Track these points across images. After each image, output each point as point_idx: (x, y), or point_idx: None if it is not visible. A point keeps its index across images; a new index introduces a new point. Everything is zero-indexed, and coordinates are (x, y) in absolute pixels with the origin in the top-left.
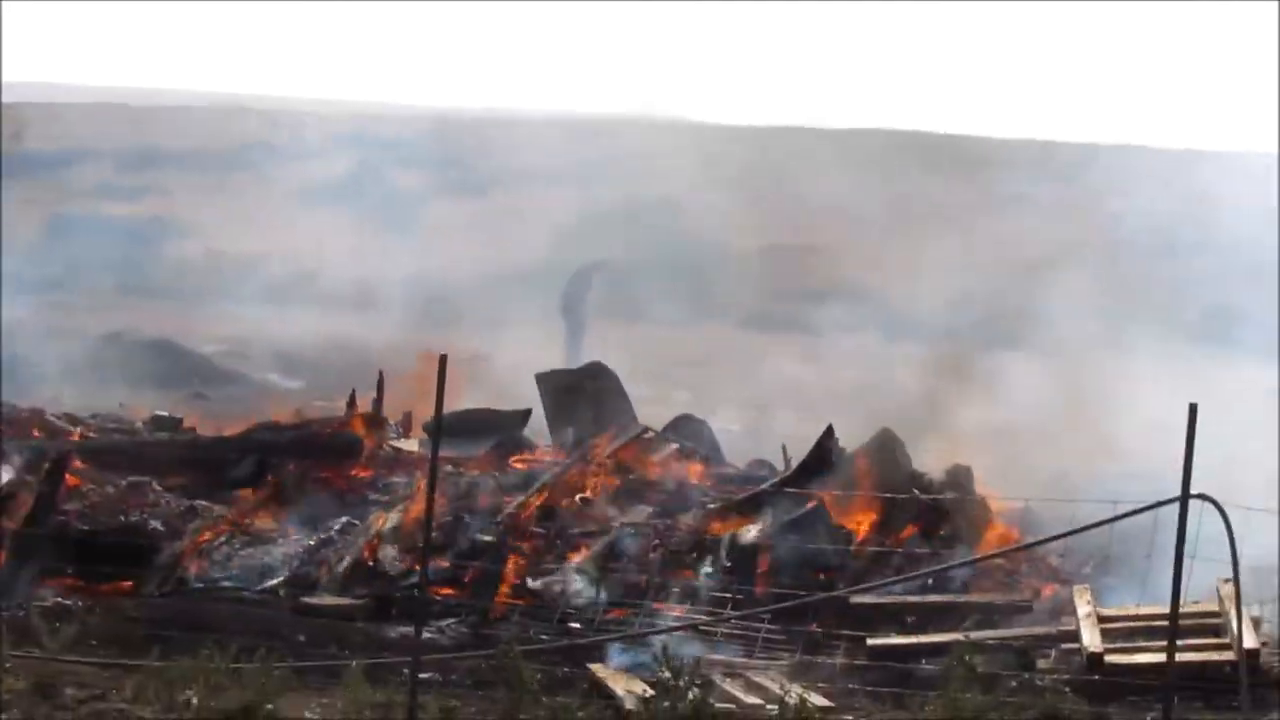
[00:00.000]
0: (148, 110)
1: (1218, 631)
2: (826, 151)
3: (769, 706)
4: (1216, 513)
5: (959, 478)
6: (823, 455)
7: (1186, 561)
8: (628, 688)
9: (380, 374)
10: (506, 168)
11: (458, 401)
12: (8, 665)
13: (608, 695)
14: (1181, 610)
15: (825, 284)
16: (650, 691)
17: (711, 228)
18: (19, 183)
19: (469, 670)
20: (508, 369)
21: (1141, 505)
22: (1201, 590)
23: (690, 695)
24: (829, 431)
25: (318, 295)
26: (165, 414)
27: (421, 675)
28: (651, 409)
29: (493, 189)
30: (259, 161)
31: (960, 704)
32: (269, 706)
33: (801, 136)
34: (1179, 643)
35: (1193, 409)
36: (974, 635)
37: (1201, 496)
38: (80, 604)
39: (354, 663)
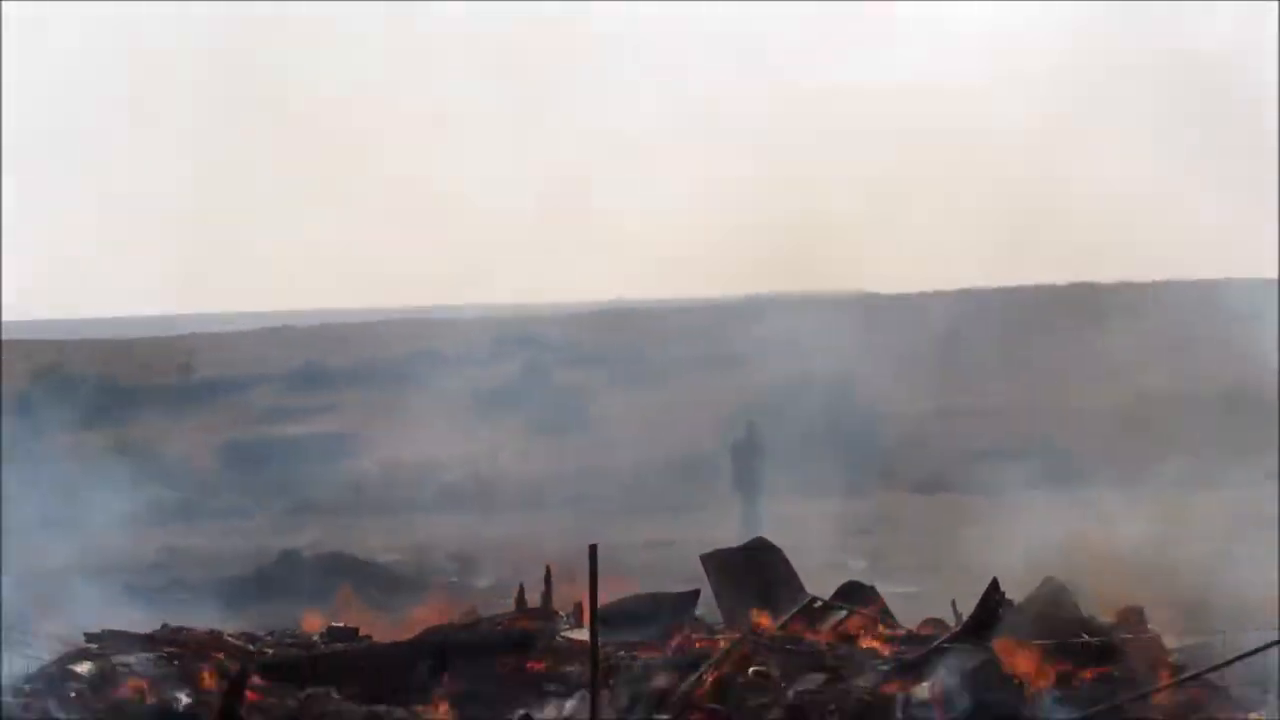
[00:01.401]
0: (312, 330)
1: None
2: (989, 311)
3: None
4: None
5: (1130, 619)
6: (990, 609)
7: None
8: None
9: (548, 568)
10: (673, 355)
11: (634, 588)
12: None
13: None
14: None
15: (994, 443)
16: None
17: (881, 396)
18: (192, 412)
19: None
20: (693, 549)
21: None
22: None
23: None
24: (994, 585)
25: (490, 499)
26: (341, 625)
27: None
28: (830, 577)
29: (661, 377)
30: (425, 372)
31: None
32: None
33: (963, 300)
34: None
35: None
36: None
37: None
38: None
39: None
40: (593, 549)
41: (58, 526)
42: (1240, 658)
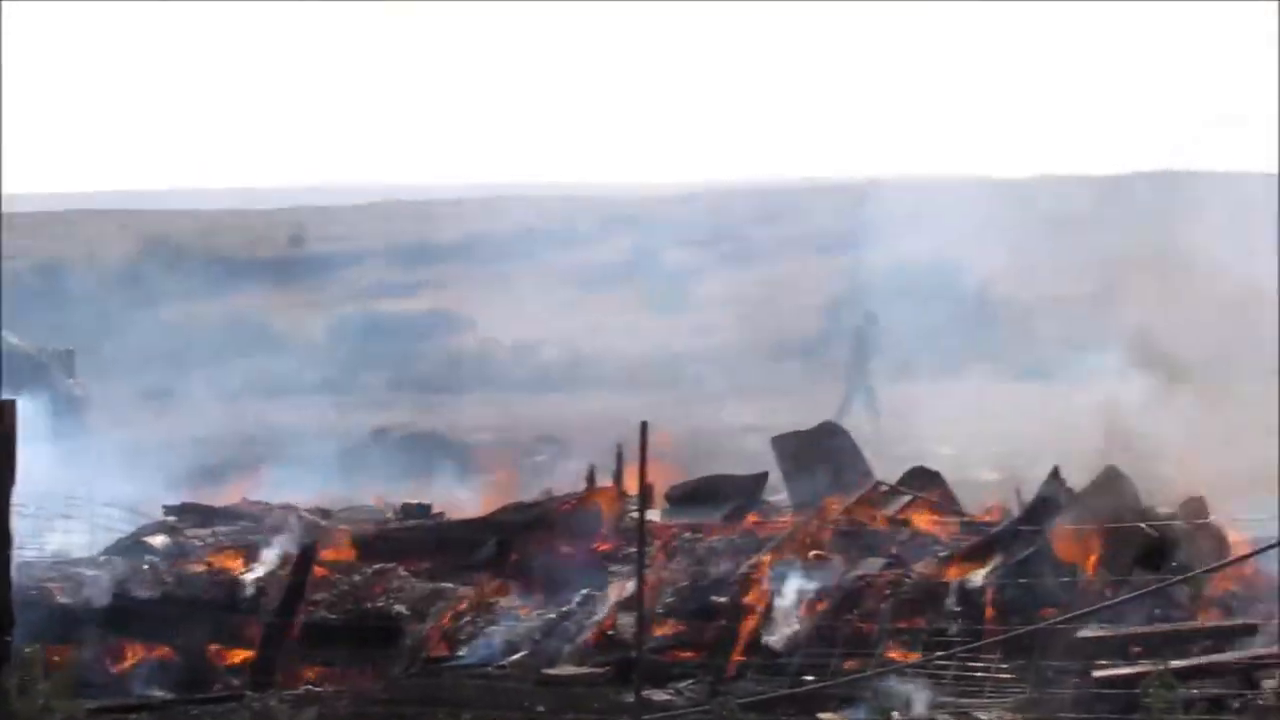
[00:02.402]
0: (420, 205)
1: None
2: (1094, 199)
3: None
4: None
5: (1193, 510)
6: (1049, 497)
7: None
8: None
9: (619, 447)
10: (779, 236)
11: (710, 469)
12: None
13: None
14: None
15: (1093, 333)
16: None
17: (984, 281)
18: (299, 286)
19: None
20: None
21: None
22: None
23: None
24: (1054, 473)
25: (590, 378)
26: (415, 502)
27: None
28: (912, 464)
29: (766, 259)
30: (531, 249)
31: None
32: None
33: (1067, 185)
34: None
35: None
36: (1195, 661)
37: None
38: (329, 689)
39: None
40: (643, 425)
41: (159, 397)
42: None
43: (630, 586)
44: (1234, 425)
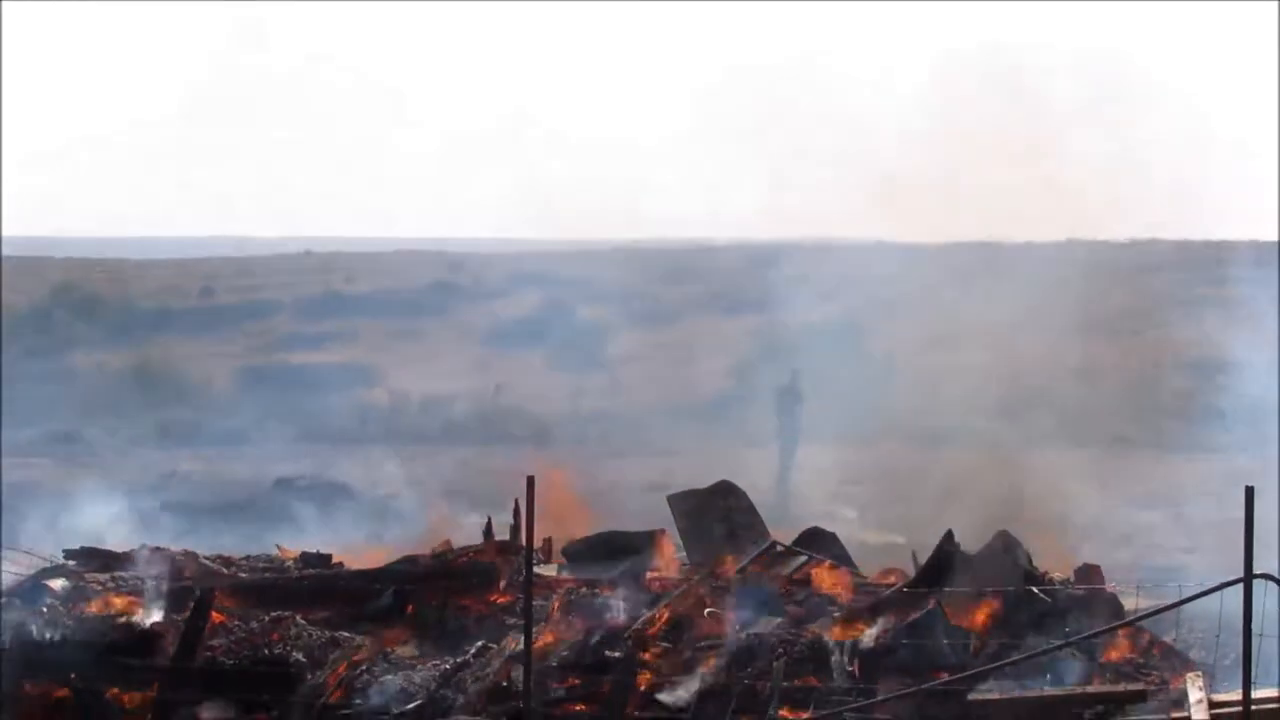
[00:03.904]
0: (331, 257)
1: None
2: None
3: None
4: None
5: (1088, 576)
6: (943, 559)
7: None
8: None
9: (516, 502)
10: (687, 295)
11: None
12: None
13: None
14: None
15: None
16: None
17: (892, 344)
18: (209, 336)
19: None
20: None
21: (1205, 589)
22: None
23: None
24: (948, 536)
25: (496, 434)
26: (315, 552)
27: None
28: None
29: (674, 318)
30: (441, 304)
31: None
32: None
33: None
34: None
35: (1249, 491)
36: None
37: (1265, 576)
38: None
39: None
40: (530, 480)
41: (65, 443)
42: (1185, 601)
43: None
44: (1135, 494)
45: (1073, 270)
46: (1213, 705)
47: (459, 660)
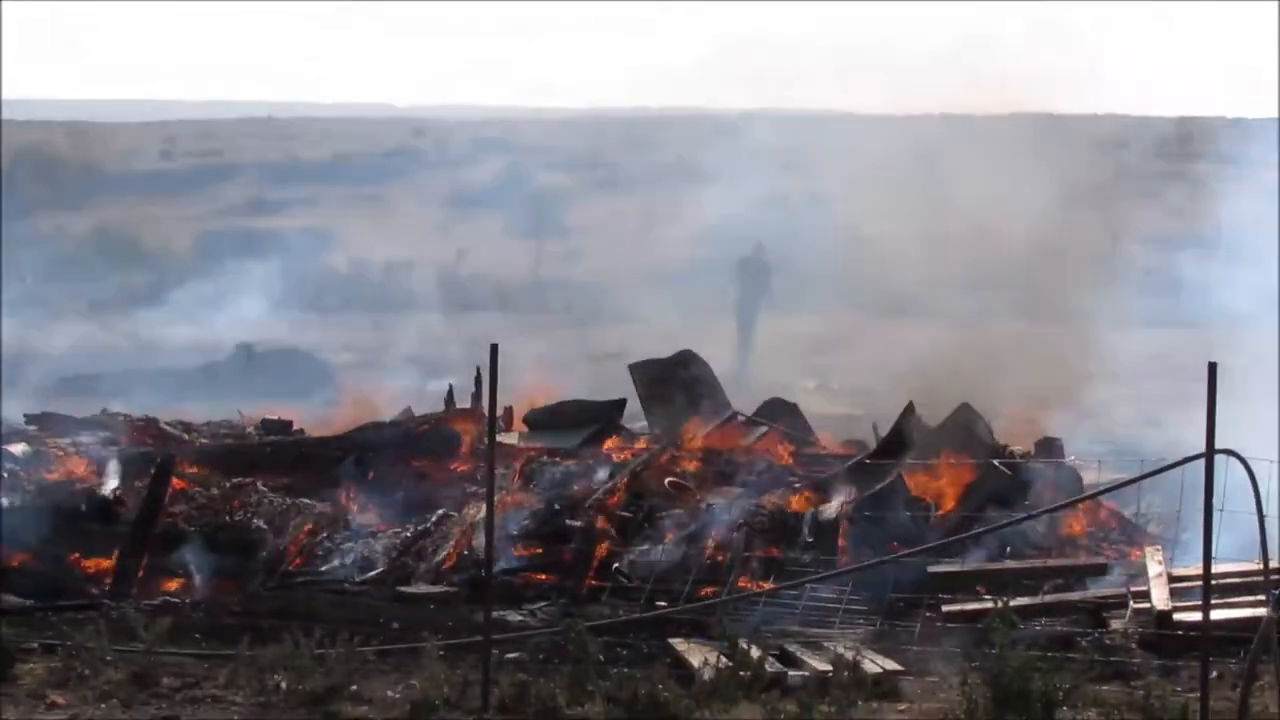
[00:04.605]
0: (293, 122)
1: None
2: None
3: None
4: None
5: (1050, 449)
6: (903, 432)
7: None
8: (705, 658)
9: (478, 369)
10: (651, 163)
11: (577, 395)
12: (109, 658)
13: (687, 668)
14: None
15: (967, 270)
16: (726, 660)
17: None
18: (169, 199)
19: (549, 649)
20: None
21: (1167, 463)
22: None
23: (760, 662)
24: (909, 408)
25: (458, 300)
26: (275, 419)
27: (508, 655)
28: (780, 396)
29: (637, 185)
30: (403, 170)
31: (1008, 661)
32: (353, 687)
33: (945, 124)
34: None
35: (1212, 367)
36: (1040, 599)
37: (1227, 451)
38: (185, 600)
39: (430, 644)
40: (494, 348)
41: (27, 307)
42: (1146, 476)
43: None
44: (1096, 367)
45: (1034, 144)
46: (1172, 579)
47: (420, 528)
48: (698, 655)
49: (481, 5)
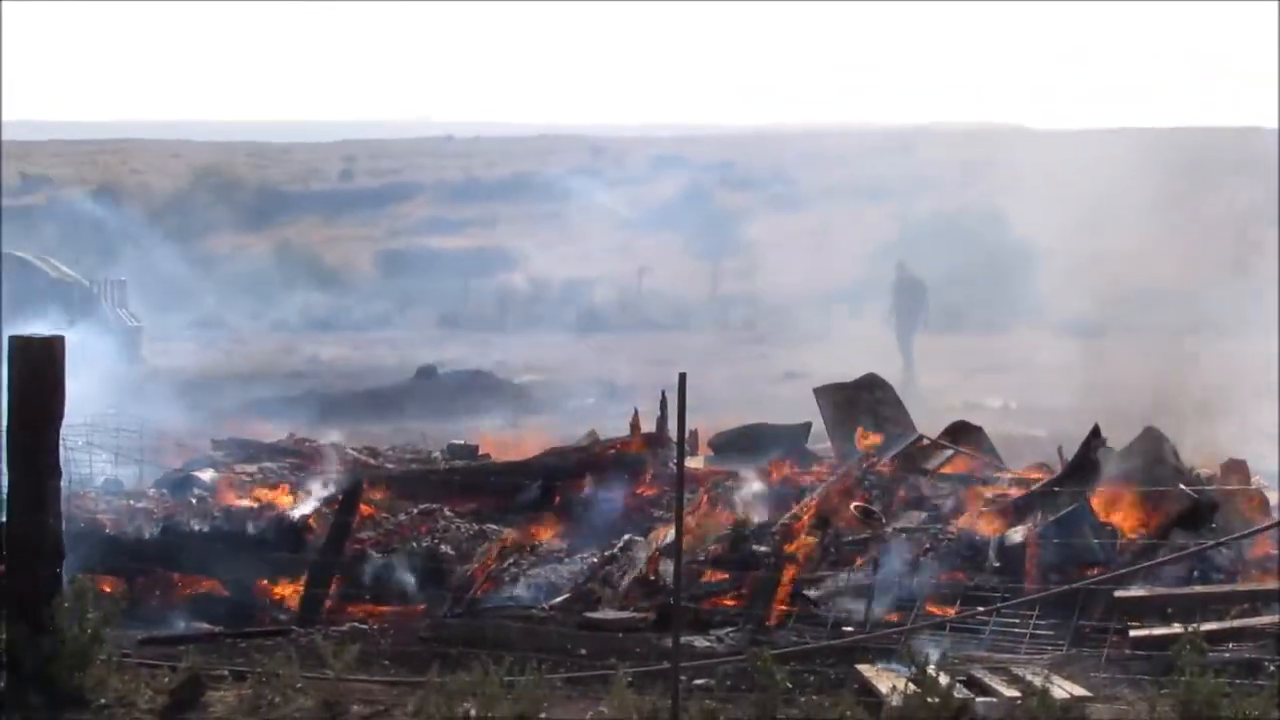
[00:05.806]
0: (471, 142)
1: None
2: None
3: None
4: None
5: (1234, 472)
6: (1089, 456)
7: None
8: (893, 685)
9: (663, 394)
10: (828, 181)
11: (760, 417)
12: (298, 685)
13: (874, 695)
14: None
15: (1145, 285)
16: (914, 687)
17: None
18: (349, 220)
19: (736, 675)
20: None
21: None
22: None
23: (948, 689)
24: (1095, 431)
25: (638, 320)
26: (461, 443)
27: (696, 681)
28: (963, 416)
29: (815, 203)
30: (581, 189)
31: (1196, 687)
32: (542, 716)
33: (1125, 138)
34: None
35: None
36: (1228, 624)
37: None
38: (373, 627)
39: (619, 671)
40: (682, 377)
41: (209, 329)
42: None
43: (672, 534)
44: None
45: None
46: None
47: (606, 553)
48: (885, 682)
49: (656, 26)
